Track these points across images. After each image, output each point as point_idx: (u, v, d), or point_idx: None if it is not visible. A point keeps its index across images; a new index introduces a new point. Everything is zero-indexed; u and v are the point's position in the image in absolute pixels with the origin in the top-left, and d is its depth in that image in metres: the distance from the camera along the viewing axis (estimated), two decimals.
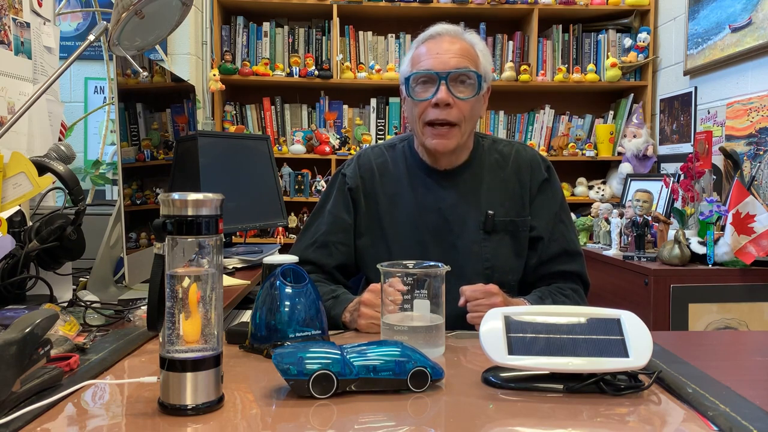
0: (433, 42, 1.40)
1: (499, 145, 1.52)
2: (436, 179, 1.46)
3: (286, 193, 3.54)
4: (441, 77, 1.35)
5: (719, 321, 2.28)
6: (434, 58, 1.37)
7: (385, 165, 1.50)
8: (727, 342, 1.30)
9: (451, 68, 1.35)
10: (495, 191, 1.45)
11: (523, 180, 1.47)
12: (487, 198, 1.44)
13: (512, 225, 1.44)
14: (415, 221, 1.44)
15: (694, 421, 0.78)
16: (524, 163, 1.48)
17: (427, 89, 1.37)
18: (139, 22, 1.33)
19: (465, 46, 1.39)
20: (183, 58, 3.31)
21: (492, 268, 1.42)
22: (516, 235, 1.44)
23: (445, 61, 1.36)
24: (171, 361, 0.77)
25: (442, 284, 1.07)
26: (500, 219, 1.43)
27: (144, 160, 1.49)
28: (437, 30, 1.41)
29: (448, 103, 1.35)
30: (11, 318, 1.00)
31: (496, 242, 1.43)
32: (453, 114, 1.36)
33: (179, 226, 0.76)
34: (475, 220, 1.43)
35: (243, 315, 1.60)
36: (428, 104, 1.37)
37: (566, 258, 1.44)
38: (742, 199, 2.23)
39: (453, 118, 1.36)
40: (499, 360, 0.87)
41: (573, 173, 3.74)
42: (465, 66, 1.37)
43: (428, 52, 1.38)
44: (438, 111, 1.36)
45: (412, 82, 1.39)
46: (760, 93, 2.64)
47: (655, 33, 3.59)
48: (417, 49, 1.42)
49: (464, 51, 1.38)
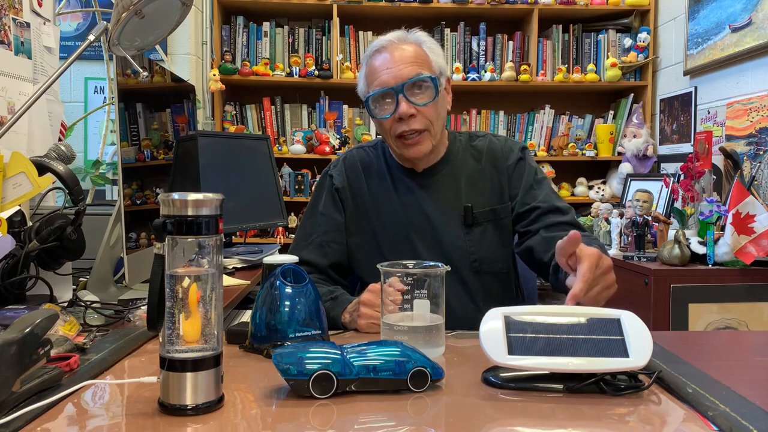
0: (380, 56, 1.39)
1: (473, 140, 1.54)
2: (415, 180, 1.48)
3: (286, 193, 3.54)
4: (397, 91, 1.35)
5: (719, 321, 2.28)
6: (386, 73, 1.36)
7: (370, 165, 1.53)
8: (727, 342, 1.30)
9: (405, 79, 1.35)
10: (474, 184, 1.47)
11: (500, 166, 1.48)
12: (466, 192, 1.46)
13: (493, 214, 1.45)
14: (401, 219, 1.46)
15: (694, 421, 0.78)
16: (498, 150, 1.50)
17: (387, 105, 1.38)
18: (139, 22, 1.33)
19: (412, 50, 1.38)
20: (183, 58, 3.31)
21: (479, 260, 1.44)
22: (499, 223, 1.46)
23: (396, 74, 1.35)
24: (171, 361, 0.77)
25: (442, 284, 1.07)
26: (480, 210, 1.45)
27: (144, 160, 1.49)
28: (381, 43, 1.41)
29: (411, 114, 1.36)
30: (11, 318, 1.00)
31: (479, 234, 1.44)
32: (419, 122, 1.37)
33: (179, 226, 0.76)
34: (456, 216, 1.45)
35: (243, 315, 1.60)
36: (393, 119, 1.37)
37: (558, 213, 1.42)
38: (742, 199, 2.24)
39: (420, 126, 1.37)
40: (499, 360, 0.87)
41: (573, 173, 3.74)
42: (417, 73, 1.36)
43: (379, 68, 1.38)
44: (404, 123, 1.37)
45: (371, 103, 1.40)
46: (760, 93, 2.64)
47: (655, 33, 3.59)
48: (368, 65, 1.41)
49: (414, 56, 1.38)
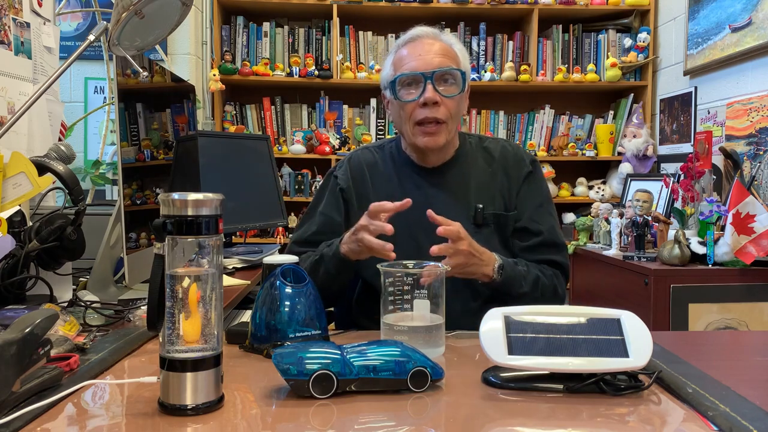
0: (413, 44, 1.43)
1: (484, 142, 1.55)
2: (424, 177, 1.49)
3: (286, 193, 3.54)
4: (426, 77, 1.38)
5: (719, 321, 2.28)
6: (418, 59, 1.39)
7: (375, 165, 1.53)
8: (727, 342, 1.30)
9: (435, 67, 1.38)
10: (483, 186, 1.48)
11: (510, 174, 1.49)
12: (475, 193, 1.47)
13: (501, 218, 1.47)
14: (406, 219, 1.45)
15: (694, 421, 0.78)
16: (510, 158, 1.51)
17: (413, 90, 1.40)
18: (139, 22, 1.33)
19: (444, 46, 1.43)
20: (183, 58, 3.31)
21: None
22: (503, 229, 1.47)
23: (428, 61, 1.39)
24: (171, 361, 0.77)
25: (442, 284, 1.07)
26: (489, 212, 1.46)
27: (144, 160, 1.49)
28: (416, 33, 1.44)
29: (435, 101, 1.38)
30: (11, 318, 1.00)
31: (487, 235, 1.45)
32: (441, 112, 1.39)
33: (179, 226, 0.76)
34: (465, 215, 1.45)
35: (243, 315, 1.60)
36: (416, 104, 1.40)
37: (553, 248, 1.47)
38: (742, 199, 2.23)
39: (441, 116, 1.39)
40: (499, 360, 0.87)
41: (573, 173, 3.74)
42: (448, 65, 1.40)
43: (410, 54, 1.41)
44: (426, 110, 1.39)
45: (397, 85, 1.41)
46: (760, 93, 2.64)
47: (655, 33, 3.59)
48: (398, 53, 1.45)
49: (445, 50, 1.42)
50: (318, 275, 1.36)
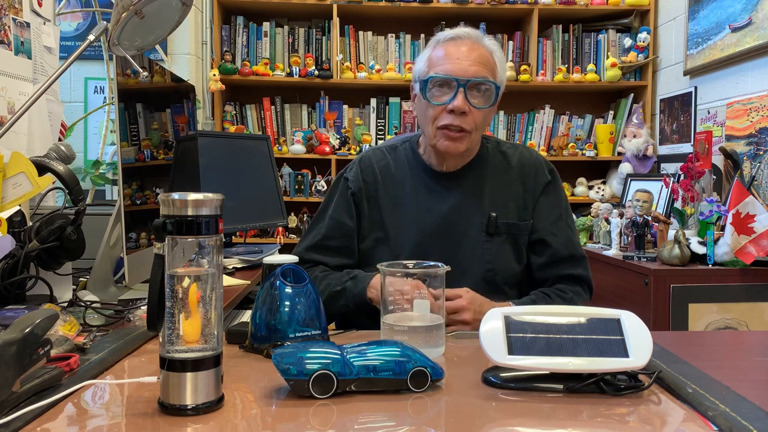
0: (453, 45, 1.37)
1: (503, 146, 1.52)
2: (439, 181, 1.46)
3: (286, 193, 3.54)
4: (460, 84, 1.34)
5: (719, 321, 2.28)
6: (454, 63, 1.35)
7: (387, 167, 1.50)
8: (727, 342, 1.30)
9: (470, 76, 1.34)
10: (498, 193, 1.45)
11: (527, 183, 1.46)
12: (490, 200, 1.44)
13: (514, 228, 1.44)
14: (417, 223, 1.44)
15: (694, 421, 0.78)
16: (528, 166, 1.48)
17: (444, 94, 1.36)
18: (139, 22, 1.33)
19: (484, 53, 1.37)
20: (183, 58, 3.31)
21: (494, 270, 1.42)
22: (517, 238, 1.44)
23: (464, 68, 1.34)
24: (171, 361, 0.77)
25: (442, 284, 1.07)
26: (502, 221, 1.43)
27: (144, 160, 1.49)
28: (458, 33, 1.39)
29: (463, 111, 1.34)
30: (11, 318, 1.00)
31: (499, 244, 1.42)
32: (467, 121, 1.36)
33: (179, 226, 0.76)
34: (478, 222, 1.42)
35: (243, 315, 1.60)
36: (443, 109, 1.36)
37: (572, 262, 1.44)
38: (742, 199, 2.23)
39: (467, 126, 1.36)
40: (499, 360, 0.87)
41: (573, 173, 3.74)
42: (484, 75, 1.35)
43: (447, 56, 1.36)
44: (453, 117, 1.35)
45: (429, 85, 1.37)
46: (760, 93, 2.64)
47: (655, 33, 3.59)
48: (435, 50, 1.40)
49: (483, 59, 1.37)
50: (335, 305, 1.34)
